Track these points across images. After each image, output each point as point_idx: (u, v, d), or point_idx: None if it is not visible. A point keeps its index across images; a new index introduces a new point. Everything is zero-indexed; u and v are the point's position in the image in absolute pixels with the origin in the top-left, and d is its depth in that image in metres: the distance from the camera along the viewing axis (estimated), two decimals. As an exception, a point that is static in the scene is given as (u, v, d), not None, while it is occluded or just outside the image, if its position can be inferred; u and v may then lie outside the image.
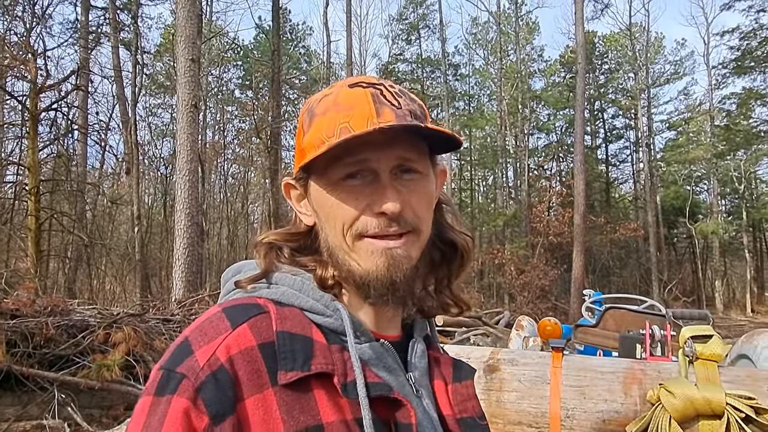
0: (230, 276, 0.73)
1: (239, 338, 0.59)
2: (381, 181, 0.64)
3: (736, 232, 28.44)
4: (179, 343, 0.61)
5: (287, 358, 0.59)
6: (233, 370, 0.57)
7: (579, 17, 17.11)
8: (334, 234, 0.66)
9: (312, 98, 0.70)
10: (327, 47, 25.27)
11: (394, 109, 0.64)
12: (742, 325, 16.39)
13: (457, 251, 0.75)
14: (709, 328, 1.60)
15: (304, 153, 0.66)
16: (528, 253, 22.56)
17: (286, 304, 0.65)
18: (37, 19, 13.80)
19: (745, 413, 1.38)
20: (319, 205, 0.68)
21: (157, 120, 24.96)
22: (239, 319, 0.61)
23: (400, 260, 0.64)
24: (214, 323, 0.61)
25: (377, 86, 0.66)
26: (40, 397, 5.31)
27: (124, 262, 15.55)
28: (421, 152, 0.67)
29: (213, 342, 0.59)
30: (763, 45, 21.35)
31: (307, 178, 0.69)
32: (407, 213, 0.64)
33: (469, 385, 0.72)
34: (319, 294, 0.66)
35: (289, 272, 0.68)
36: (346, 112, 0.64)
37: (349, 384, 0.60)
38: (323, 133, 0.64)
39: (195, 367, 0.57)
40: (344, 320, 0.65)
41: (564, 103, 29.99)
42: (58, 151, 14.36)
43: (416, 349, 0.72)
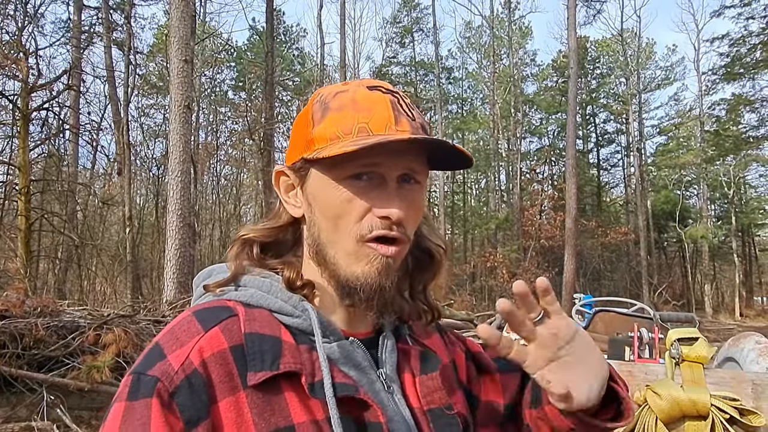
0: (201, 280, 0.73)
1: (212, 341, 0.60)
2: (387, 186, 0.65)
3: (725, 236, 28.70)
4: (150, 348, 0.60)
5: (256, 359, 0.59)
6: (207, 373, 0.58)
7: (571, 22, 17.24)
8: (331, 230, 0.66)
9: (324, 91, 0.70)
10: (321, 49, 25.27)
11: (409, 120, 0.66)
12: (730, 329, 16.52)
13: (432, 260, 0.76)
14: (695, 331, 1.62)
15: (313, 143, 0.66)
16: (520, 256, 22.66)
17: (254, 305, 0.65)
18: (29, 18, 13.71)
19: (730, 414, 1.41)
20: (319, 199, 0.67)
21: (149, 120, 24.84)
22: (210, 322, 0.61)
23: (390, 268, 0.66)
24: (185, 327, 0.61)
25: (395, 94, 0.68)
26: (29, 398, 5.27)
27: (115, 263, 15.45)
28: (423, 165, 0.69)
29: (186, 345, 0.59)
30: (752, 52, 21.59)
31: (308, 169, 0.68)
32: (406, 221, 0.66)
33: (435, 377, 0.72)
34: (287, 295, 0.67)
35: (259, 275, 0.69)
36: (365, 113, 0.65)
37: (316, 384, 0.60)
38: (339, 129, 0.64)
39: (169, 371, 0.57)
40: (312, 320, 0.65)
41: (556, 107, 30.17)
42: (49, 151, 14.26)
43: (386, 345, 0.72)
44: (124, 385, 0.58)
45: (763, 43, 20.87)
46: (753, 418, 1.41)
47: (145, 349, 0.62)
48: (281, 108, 26.72)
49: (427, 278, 0.77)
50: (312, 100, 0.71)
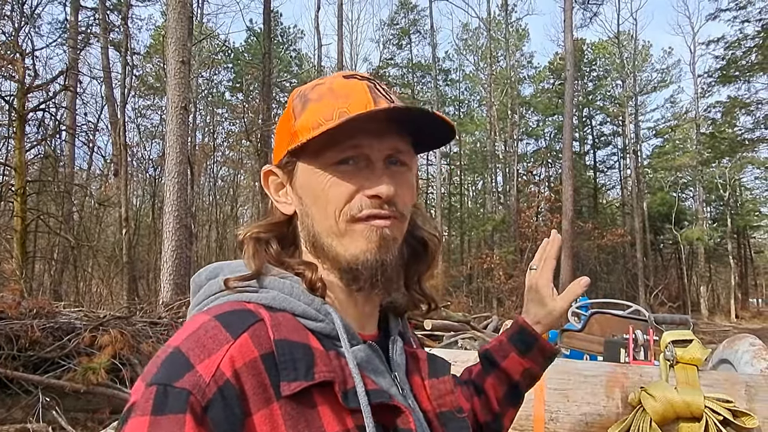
0: (204, 279, 0.69)
1: (242, 349, 0.56)
2: (374, 167, 0.65)
3: (720, 238, 28.83)
4: (170, 354, 0.56)
5: (289, 368, 0.57)
6: (239, 384, 0.54)
7: (568, 25, 17.29)
8: (323, 217, 0.66)
9: (303, 87, 0.71)
10: (318, 51, 25.30)
11: (388, 102, 0.66)
12: (726, 331, 16.57)
13: (427, 249, 0.76)
14: (689, 333, 1.63)
15: (297, 136, 0.66)
16: (516, 257, 22.68)
17: (277, 309, 0.62)
18: (25, 19, 13.68)
19: (723, 416, 1.42)
20: (308, 189, 0.67)
21: (146, 121, 24.80)
22: (238, 328, 0.57)
23: (389, 240, 0.65)
24: (211, 333, 0.57)
25: (371, 80, 0.69)
26: (25, 400, 5.25)
27: (112, 264, 15.40)
28: (408, 146, 0.69)
29: (215, 354, 0.55)
30: (747, 55, 21.69)
31: (294, 163, 0.68)
32: (397, 199, 0.66)
33: (446, 381, 0.73)
34: (309, 298, 0.65)
35: (279, 275, 0.66)
36: (344, 99, 0.65)
37: (350, 392, 0.59)
38: (320, 117, 0.64)
39: (200, 384, 0.53)
40: (337, 325, 0.63)
41: (553, 109, 30.25)
42: (45, 152, 14.22)
43: (396, 348, 0.72)
44: (144, 396, 0.52)
45: (759, 46, 20.97)
46: (746, 420, 1.42)
47: (160, 356, 0.56)
48: (278, 109, 26.66)
49: (422, 268, 0.77)
50: (292, 97, 0.71)
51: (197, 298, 0.68)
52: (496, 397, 0.94)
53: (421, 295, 0.77)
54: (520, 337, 0.96)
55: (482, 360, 0.98)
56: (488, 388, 0.94)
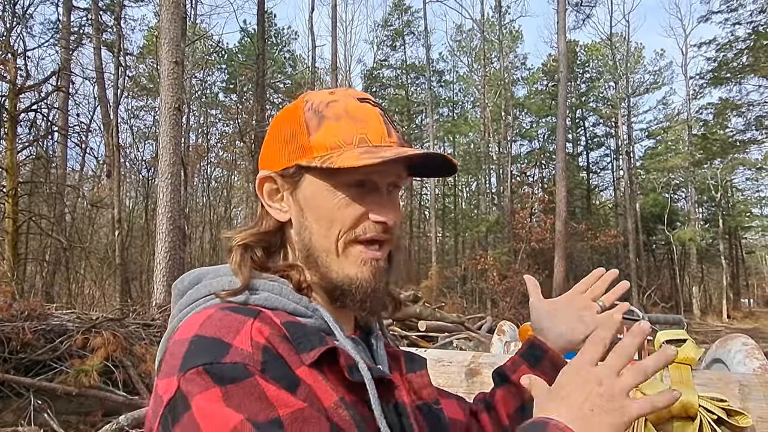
0: (187, 285, 0.70)
1: (264, 326, 0.60)
2: (381, 193, 0.70)
3: (712, 239, 29.03)
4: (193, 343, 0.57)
5: (303, 341, 0.61)
6: (275, 348, 0.58)
7: (561, 27, 17.38)
8: (323, 235, 0.69)
9: (313, 98, 0.72)
10: (312, 52, 25.28)
11: (395, 132, 0.71)
12: (718, 331, 16.69)
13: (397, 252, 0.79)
14: (683, 333, 1.64)
15: (311, 151, 0.68)
16: (510, 258, 22.73)
17: (270, 308, 0.65)
18: (17, 19, 13.59)
19: (717, 415, 1.42)
20: (313, 204, 0.69)
21: (139, 122, 24.68)
22: (250, 313, 0.61)
23: (381, 271, 0.70)
24: (227, 318, 0.60)
25: (380, 107, 0.73)
26: (16, 403, 5.20)
27: (104, 266, 15.30)
28: (405, 172, 0.74)
29: (243, 330, 0.58)
30: (738, 57, 21.88)
31: (302, 174, 0.70)
32: (395, 226, 0.71)
33: (423, 374, 0.77)
34: (297, 297, 0.68)
35: (268, 279, 0.69)
36: (362, 124, 0.69)
37: (353, 367, 0.63)
38: (339, 138, 0.67)
39: (246, 354, 0.56)
40: (327, 318, 0.67)
41: (546, 110, 30.38)
42: (37, 153, 14.12)
43: (379, 344, 0.76)
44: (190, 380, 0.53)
45: (750, 48, 21.15)
46: (740, 418, 1.43)
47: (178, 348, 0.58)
48: (272, 110, 26.62)
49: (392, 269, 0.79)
50: (300, 106, 0.72)
51: (183, 303, 0.69)
52: (506, 413, 0.91)
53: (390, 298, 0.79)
54: (530, 352, 0.93)
55: (494, 377, 0.97)
56: (498, 402, 0.92)
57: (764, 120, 22.38)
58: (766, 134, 22.57)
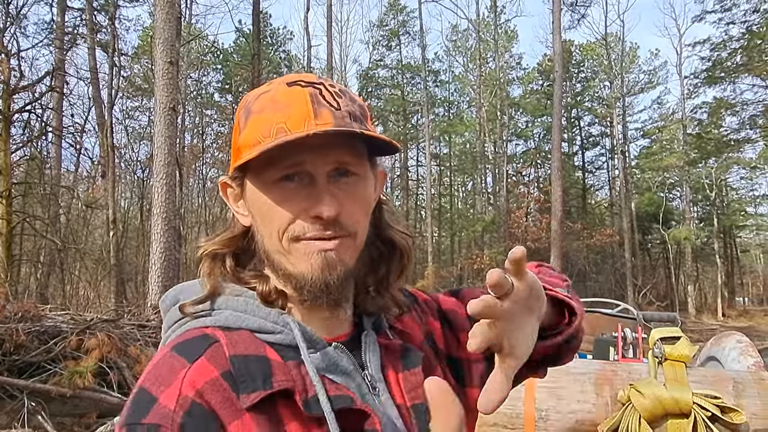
0: (169, 303, 0.70)
1: (201, 371, 0.57)
2: (317, 184, 0.63)
3: (707, 238, 29.14)
4: (135, 394, 0.57)
5: (246, 380, 0.57)
6: (205, 402, 0.55)
7: (556, 26, 17.42)
8: (269, 236, 0.65)
9: (250, 94, 0.68)
10: (307, 52, 25.25)
11: (332, 111, 0.62)
12: (713, 330, 16.75)
13: (395, 249, 0.74)
14: (677, 330, 1.64)
15: (240, 152, 0.65)
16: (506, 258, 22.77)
17: (233, 328, 0.63)
18: (11, 19, 13.52)
19: (711, 412, 1.43)
20: (255, 207, 0.66)
21: (134, 123, 24.60)
22: (194, 354, 0.59)
23: (334, 262, 0.63)
24: (167, 364, 0.58)
25: (317, 85, 0.65)
26: (10, 405, 5.18)
27: (99, 267, 15.24)
28: (359, 155, 0.66)
29: (174, 382, 0.56)
30: (732, 56, 22.00)
31: (242, 178, 0.67)
32: (343, 217, 0.63)
33: (417, 372, 0.70)
34: (265, 312, 0.65)
35: (232, 293, 0.66)
36: (283, 112, 0.62)
37: (311, 399, 0.58)
38: (259, 133, 0.62)
39: (166, 413, 0.54)
40: (295, 334, 0.63)
41: (542, 110, 30.45)
42: (31, 154, 14.04)
43: (368, 344, 0.70)
44: None
45: (744, 48, 21.26)
46: (734, 415, 1.43)
47: (130, 397, 0.58)
48: (268, 110, 26.59)
49: (392, 269, 0.74)
50: (240, 105, 0.69)
51: (164, 327, 0.69)
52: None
53: (391, 300, 0.74)
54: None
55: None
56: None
57: (758, 119, 22.51)
58: (760, 133, 22.70)
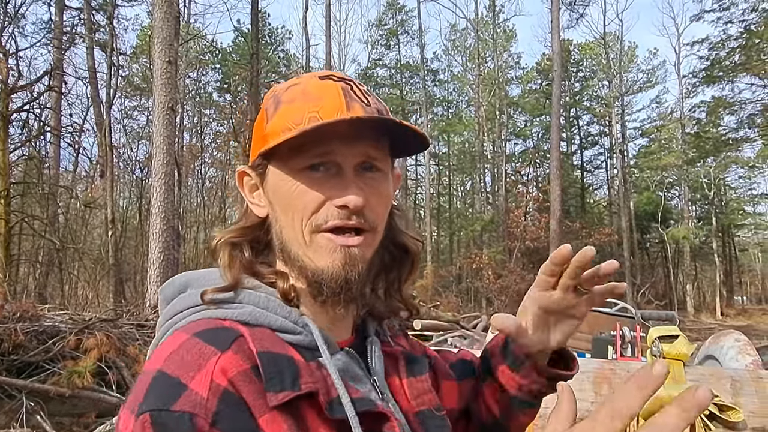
0: (176, 290, 0.67)
1: (232, 361, 0.55)
2: (344, 175, 0.63)
3: (706, 237, 29.17)
4: (155, 379, 0.54)
5: (274, 379, 0.55)
6: (238, 392, 0.53)
7: (555, 26, 17.42)
8: (290, 226, 0.64)
9: (278, 86, 0.69)
10: (306, 51, 25.24)
11: (363, 106, 0.63)
12: (711, 328, 16.76)
13: (408, 255, 0.74)
14: (675, 329, 1.64)
15: (267, 139, 0.64)
16: (505, 257, 22.79)
17: (254, 324, 0.61)
18: (9, 19, 13.48)
19: (710, 410, 1.43)
20: (277, 195, 0.65)
21: (132, 122, 24.56)
22: (221, 344, 0.56)
23: (356, 259, 0.63)
24: (195, 350, 0.55)
25: (348, 81, 0.66)
26: (8, 404, 5.17)
27: (98, 266, 15.22)
28: (384, 152, 0.66)
29: (205, 368, 0.53)
30: (731, 55, 22.02)
31: (265, 166, 0.67)
32: (367, 210, 0.63)
33: (424, 380, 0.71)
34: (286, 311, 0.63)
35: (251, 287, 0.64)
36: (315, 102, 0.62)
37: (334, 401, 0.58)
38: (290, 121, 0.62)
39: (199, 401, 0.51)
40: (315, 336, 0.62)
41: (540, 109, 30.47)
42: (29, 154, 14.03)
43: (374, 351, 0.70)
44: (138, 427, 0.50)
45: (742, 47, 21.28)
46: (732, 413, 1.43)
47: (143, 381, 0.54)
48: (266, 110, 26.56)
49: (403, 274, 0.74)
50: (267, 96, 0.69)
51: (167, 312, 0.66)
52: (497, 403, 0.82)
53: (401, 302, 0.74)
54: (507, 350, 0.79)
55: (482, 363, 0.86)
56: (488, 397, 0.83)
57: (756, 118, 22.54)
58: (758, 132, 22.72)
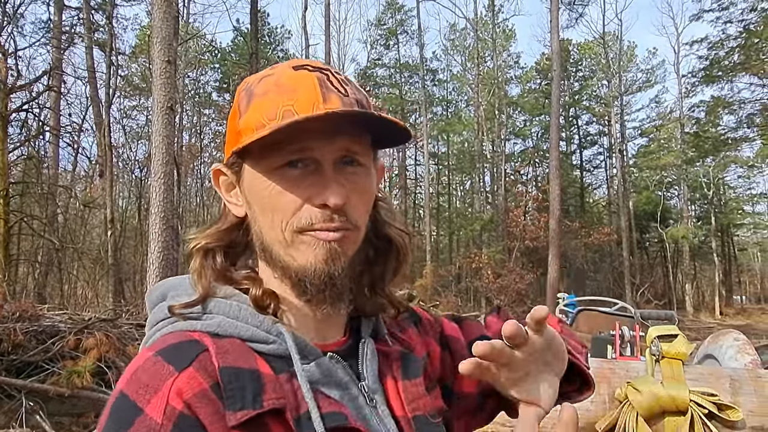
0: (156, 299, 0.66)
1: (189, 382, 0.53)
2: (324, 172, 0.60)
3: (705, 236, 29.19)
4: (116, 401, 0.53)
5: (235, 396, 0.53)
6: (194, 414, 0.52)
7: (554, 25, 17.42)
8: (270, 227, 0.61)
9: (251, 78, 0.65)
10: (305, 51, 25.20)
11: (341, 96, 0.60)
12: (710, 328, 16.78)
13: (392, 247, 0.70)
14: (674, 328, 1.65)
15: (240, 135, 0.61)
16: (505, 257, 22.80)
17: (224, 335, 0.59)
18: (8, 18, 13.47)
19: (708, 409, 1.43)
20: (254, 195, 0.62)
21: (131, 122, 24.53)
22: (182, 362, 0.54)
23: (338, 254, 0.60)
24: (152, 370, 0.54)
25: (324, 71, 0.62)
26: (8, 404, 5.17)
27: (97, 266, 15.21)
28: (365, 145, 0.63)
29: (161, 391, 0.52)
30: (730, 55, 22.02)
31: (240, 164, 0.63)
32: (349, 208, 0.60)
33: (418, 383, 0.68)
34: (258, 319, 0.61)
35: (224, 296, 0.62)
36: (290, 95, 0.59)
37: (302, 417, 0.55)
38: (263, 116, 0.59)
39: (153, 426, 0.50)
40: (289, 345, 0.59)
41: (540, 109, 30.47)
42: (28, 153, 14.03)
43: (366, 353, 0.67)
44: None
45: (741, 47, 21.29)
46: (731, 412, 1.44)
47: (109, 403, 0.54)
48: (266, 110, 26.54)
49: (389, 268, 0.71)
50: (239, 89, 0.66)
51: (148, 323, 0.65)
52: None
53: (386, 298, 0.71)
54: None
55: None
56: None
57: (755, 118, 22.55)
58: (757, 132, 22.73)
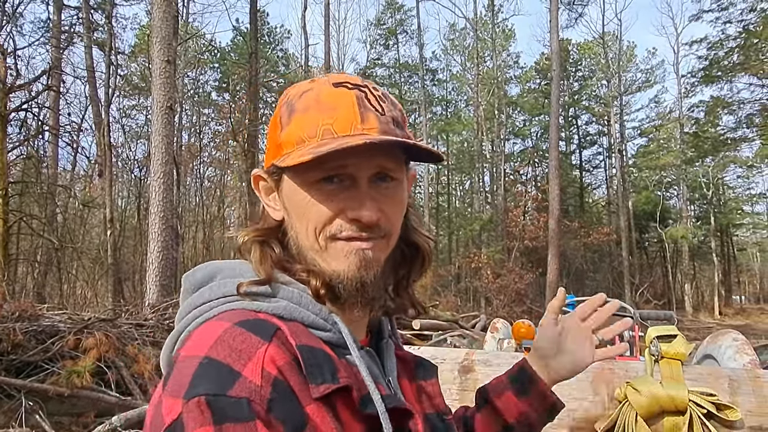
0: (201, 279, 0.67)
1: (278, 352, 0.56)
2: (359, 187, 0.63)
3: (704, 236, 29.23)
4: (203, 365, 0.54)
5: (314, 372, 0.57)
6: (286, 380, 0.55)
7: (554, 25, 17.43)
8: (305, 235, 0.65)
9: (291, 90, 0.68)
10: (305, 51, 25.23)
11: (378, 115, 0.63)
12: (710, 328, 16.80)
13: (419, 253, 0.74)
14: (673, 328, 1.65)
15: (281, 148, 0.65)
16: (504, 257, 22.80)
17: (288, 319, 0.62)
18: (7, 18, 13.46)
19: (707, 409, 1.43)
20: (292, 204, 0.66)
21: (131, 122, 24.51)
22: (265, 334, 0.57)
23: (370, 262, 0.64)
24: (240, 339, 0.56)
25: (362, 88, 0.65)
26: (7, 404, 5.16)
27: (96, 266, 15.21)
28: (398, 160, 0.67)
29: (255, 357, 0.54)
30: (729, 55, 22.03)
31: (280, 174, 0.67)
32: (382, 221, 0.64)
33: (434, 383, 0.73)
34: (317, 308, 0.64)
35: (286, 283, 0.65)
36: (329, 113, 0.62)
37: (365, 397, 0.59)
38: (304, 132, 0.63)
39: (254, 387, 0.52)
40: (344, 334, 0.63)
41: (539, 109, 30.48)
42: (28, 153, 14.02)
43: (389, 351, 0.72)
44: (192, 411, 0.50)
45: (740, 47, 21.30)
46: (729, 412, 1.44)
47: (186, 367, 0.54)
48: (265, 109, 26.49)
49: (413, 271, 0.75)
50: (281, 101, 0.69)
51: (195, 300, 0.65)
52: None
53: (408, 300, 0.76)
54: (519, 377, 0.88)
55: (477, 396, 0.92)
56: (478, 425, 0.89)
57: (755, 118, 22.56)
58: (756, 132, 22.74)
